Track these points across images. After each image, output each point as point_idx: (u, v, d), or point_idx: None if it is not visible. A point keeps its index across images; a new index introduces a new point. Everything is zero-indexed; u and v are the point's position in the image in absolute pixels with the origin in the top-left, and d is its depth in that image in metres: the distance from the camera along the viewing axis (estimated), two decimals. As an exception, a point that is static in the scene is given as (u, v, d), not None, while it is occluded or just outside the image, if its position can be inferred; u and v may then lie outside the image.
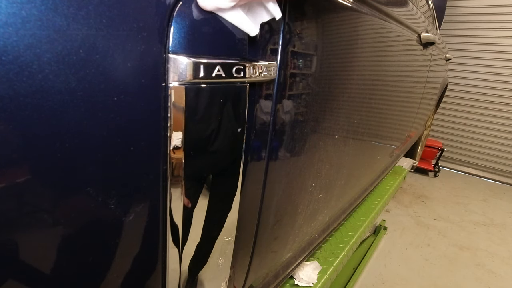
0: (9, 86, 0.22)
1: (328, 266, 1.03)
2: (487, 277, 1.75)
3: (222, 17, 0.34)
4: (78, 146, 0.27)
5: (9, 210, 0.25)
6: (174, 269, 0.41)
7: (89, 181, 0.29)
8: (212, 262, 0.46)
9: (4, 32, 0.21)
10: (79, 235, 0.30)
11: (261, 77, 0.40)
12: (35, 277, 0.29)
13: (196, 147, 0.36)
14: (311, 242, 0.94)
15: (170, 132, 0.33)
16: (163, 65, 0.31)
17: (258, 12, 0.36)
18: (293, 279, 0.96)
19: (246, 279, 0.62)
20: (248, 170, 0.46)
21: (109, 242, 0.33)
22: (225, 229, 0.46)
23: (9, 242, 0.26)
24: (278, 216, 0.65)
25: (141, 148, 0.32)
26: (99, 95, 0.27)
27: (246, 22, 0.34)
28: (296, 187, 0.67)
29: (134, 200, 0.33)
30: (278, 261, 0.77)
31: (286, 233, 0.73)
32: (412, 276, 1.71)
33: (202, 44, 0.33)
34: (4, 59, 0.21)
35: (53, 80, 0.24)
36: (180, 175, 0.36)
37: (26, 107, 0.23)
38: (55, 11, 0.23)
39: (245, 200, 0.48)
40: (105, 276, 0.34)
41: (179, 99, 0.32)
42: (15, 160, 0.24)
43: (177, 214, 0.38)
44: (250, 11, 0.35)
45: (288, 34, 0.45)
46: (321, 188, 0.81)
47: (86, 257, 0.32)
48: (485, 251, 2.00)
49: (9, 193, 0.24)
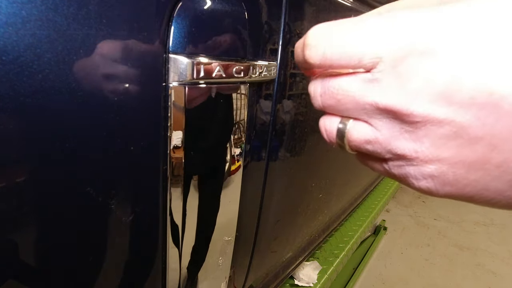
0: (9, 86, 0.22)
1: (328, 266, 1.03)
2: (487, 277, 1.75)
3: (222, 17, 0.34)
4: (78, 146, 0.27)
5: (8, 210, 0.25)
6: (174, 269, 0.41)
7: (89, 181, 0.29)
8: (212, 262, 0.46)
9: (4, 32, 0.21)
10: (79, 234, 0.30)
11: (261, 77, 0.40)
12: (35, 277, 0.29)
13: (196, 147, 0.36)
14: (311, 242, 0.94)
15: (170, 131, 0.33)
16: (163, 65, 0.31)
17: None
18: (293, 279, 0.96)
19: (246, 279, 0.62)
20: (248, 170, 0.46)
21: (109, 241, 0.33)
22: (225, 229, 0.46)
23: (9, 242, 0.26)
24: (278, 216, 0.65)
25: (141, 148, 0.32)
26: (99, 95, 0.27)
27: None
28: (296, 187, 0.67)
29: (134, 200, 0.33)
30: (278, 261, 0.78)
31: (286, 233, 0.73)
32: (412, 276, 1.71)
33: (202, 44, 0.33)
34: (4, 59, 0.21)
35: (53, 80, 0.24)
36: (180, 175, 0.36)
37: (26, 107, 0.23)
38: (55, 11, 0.23)
39: (245, 200, 0.48)
40: (105, 275, 0.34)
41: (179, 99, 0.32)
42: (15, 160, 0.24)
43: (177, 214, 0.38)
44: None
45: (288, 34, 0.45)
46: (321, 188, 0.81)
47: (86, 256, 0.32)
48: (485, 251, 2.00)
49: (9, 193, 0.24)
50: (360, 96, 0.17)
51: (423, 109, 0.14)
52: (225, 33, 0.35)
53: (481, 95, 0.13)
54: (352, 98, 0.17)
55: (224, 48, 0.35)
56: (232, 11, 0.35)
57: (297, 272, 0.96)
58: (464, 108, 0.14)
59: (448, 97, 0.14)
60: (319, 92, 0.19)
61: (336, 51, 0.17)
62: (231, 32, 0.35)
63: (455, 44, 0.14)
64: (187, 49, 0.32)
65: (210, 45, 0.34)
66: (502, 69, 0.13)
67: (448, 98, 0.14)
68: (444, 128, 0.14)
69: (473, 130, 0.14)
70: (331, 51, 0.17)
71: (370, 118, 0.17)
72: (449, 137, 0.14)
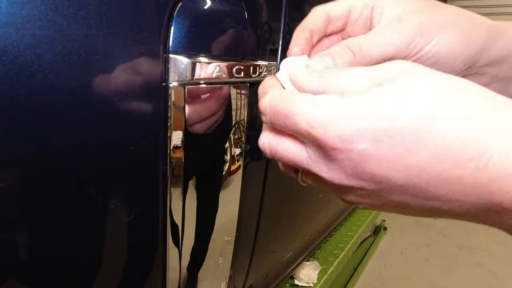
0: (9, 86, 0.22)
1: (328, 266, 1.03)
2: (487, 277, 1.75)
3: (222, 17, 0.34)
4: (78, 146, 0.27)
5: (9, 209, 0.25)
6: (174, 269, 0.41)
7: (89, 181, 0.29)
8: (212, 262, 0.46)
9: (4, 32, 0.21)
10: (79, 234, 0.30)
11: (261, 77, 0.40)
12: (36, 276, 0.29)
13: (196, 147, 0.36)
14: (311, 242, 0.94)
15: (170, 131, 0.33)
16: (163, 65, 0.31)
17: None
18: (293, 279, 0.96)
19: (246, 279, 0.62)
20: (248, 170, 0.46)
21: (110, 241, 0.33)
22: (225, 229, 0.46)
23: (9, 241, 0.26)
24: (278, 216, 0.65)
25: (141, 147, 0.32)
26: (99, 95, 0.27)
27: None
28: (296, 187, 0.67)
29: (134, 200, 0.33)
30: (278, 261, 0.78)
31: (286, 233, 0.73)
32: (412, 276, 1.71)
33: (202, 44, 0.33)
34: (4, 59, 0.21)
35: (53, 80, 0.24)
36: (180, 175, 0.36)
37: (26, 107, 0.23)
38: (55, 11, 0.23)
39: (245, 200, 0.48)
40: (105, 275, 0.34)
41: (179, 99, 0.32)
42: (15, 160, 0.24)
43: (177, 214, 0.38)
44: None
45: (288, 34, 0.45)
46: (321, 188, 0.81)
47: (86, 256, 0.32)
48: (485, 251, 2.00)
49: (9, 193, 0.24)
50: (298, 161, 0.21)
51: (342, 181, 0.20)
52: (225, 33, 0.35)
53: (376, 178, 0.18)
54: (291, 160, 0.22)
55: (224, 48, 0.35)
56: (232, 11, 0.35)
57: (297, 272, 0.96)
58: (368, 182, 0.19)
59: (357, 175, 0.19)
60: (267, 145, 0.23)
61: (278, 126, 0.21)
62: (231, 32, 0.35)
63: (371, 140, 0.17)
64: (187, 49, 0.32)
65: (210, 45, 0.34)
66: (387, 163, 0.18)
67: (357, 175, 0.19)
68: (359, 191, 0.20)
69: (375, 192, 0.19)
70: (275, 124, 0.21)
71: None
72: (362, 194, 0.20)
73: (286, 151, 0.22)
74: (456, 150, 0.16)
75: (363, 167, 0.18)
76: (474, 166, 0.15)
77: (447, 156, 0.16)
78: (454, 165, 0.16)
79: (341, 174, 0.19)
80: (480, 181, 0.16)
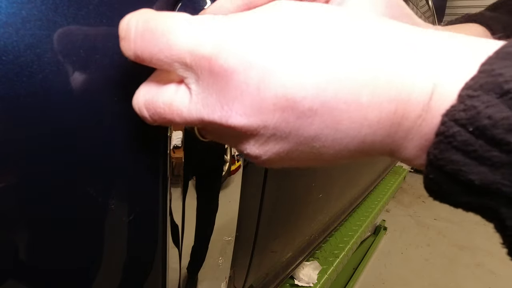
0: (9, 86, 0.22)
1: (328, 266, 1.03)
2: (487, 277, 1.75)
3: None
4: (78, 146, 0.27)
5: (8, 210, 0.25)
6: (174, 269, 0.41)
7: (89, 181, 0.29)
8: (212, 262, 0.46)
9: (4, 32, 0.21)
10: (79, 235, 0.30)
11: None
12: (35, 277, 0.29)
13: (196, 147, 0.36)
14: (311, 242, 0.94)
15: (170, 131, 0.33)
16: (163, 65, 0.31)
17: None
18: (293, 279, 0.96)
19: (246, 279, 0.62)
20: (248, 170, 0.46)
21: (109, 241, 0.33)
22: (225, 229, 0.46)
23: (8, 242, 0.26)
24: (278, 216, 0.65)
25: (141, 147, 0.32)
26: (99, 95, 0.27)
27: None
28: (296, 187, 0.67)
29: (134, 200, 0.33)
30: (278, 261, 0.78)
31: (286, 233, 0.73)
32: (412, 276, 1.71)
33: (202, 44, 0.33)
34: (4, 59, 0.21)
35: (53, 80, 0.24)
36: (180, 175, 0.36)
37: (26, 107, 0.23)
38: (55, 11, 0.23)
39: (245, 200, 0.48)
40: (105, 275, 0.34)
41: (179, 99, 0.32)
42: (15, 160, 0.24)
43: (177, 214, 0.38)
44: None
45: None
46: (321, 188, 0.81)
47: (86, 256, 0.32)
48: (485, 251, 2.00)
49: (9, 193, 0.24)
50: (178, 111, 0.18)
51: (238, 121, 0.16)
52: (225, 33, 0.35)
53: (279, 101, 0.15)
54: (170, 115, 0.19)
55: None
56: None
57: (297, 272, 0.96)
58: (271, 113, 0.16)
59: (257, 107, 0.16)
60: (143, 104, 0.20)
61: (146, 54, 0.17)
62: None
63: (256, 56, 0.15)
64: (187, 49, 0.32)
65: (210, 45, 0.34)
66: (293, 77, 0.15)
67: (257, 108, 0.16)
68: (262, 132, 0.17)
69: (282, 129, 0.16)
70: (141, 51, 0.18)
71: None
72: (267, 137, 0.17)
73: (169, 102, 0.18)
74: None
75: (266, 89, 0.15)
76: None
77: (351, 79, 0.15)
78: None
79: (238, 109, 0.16)
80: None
